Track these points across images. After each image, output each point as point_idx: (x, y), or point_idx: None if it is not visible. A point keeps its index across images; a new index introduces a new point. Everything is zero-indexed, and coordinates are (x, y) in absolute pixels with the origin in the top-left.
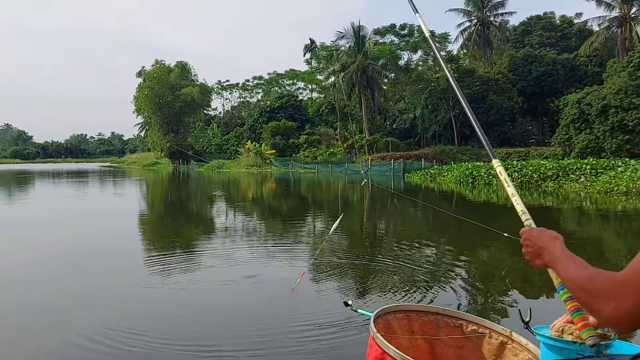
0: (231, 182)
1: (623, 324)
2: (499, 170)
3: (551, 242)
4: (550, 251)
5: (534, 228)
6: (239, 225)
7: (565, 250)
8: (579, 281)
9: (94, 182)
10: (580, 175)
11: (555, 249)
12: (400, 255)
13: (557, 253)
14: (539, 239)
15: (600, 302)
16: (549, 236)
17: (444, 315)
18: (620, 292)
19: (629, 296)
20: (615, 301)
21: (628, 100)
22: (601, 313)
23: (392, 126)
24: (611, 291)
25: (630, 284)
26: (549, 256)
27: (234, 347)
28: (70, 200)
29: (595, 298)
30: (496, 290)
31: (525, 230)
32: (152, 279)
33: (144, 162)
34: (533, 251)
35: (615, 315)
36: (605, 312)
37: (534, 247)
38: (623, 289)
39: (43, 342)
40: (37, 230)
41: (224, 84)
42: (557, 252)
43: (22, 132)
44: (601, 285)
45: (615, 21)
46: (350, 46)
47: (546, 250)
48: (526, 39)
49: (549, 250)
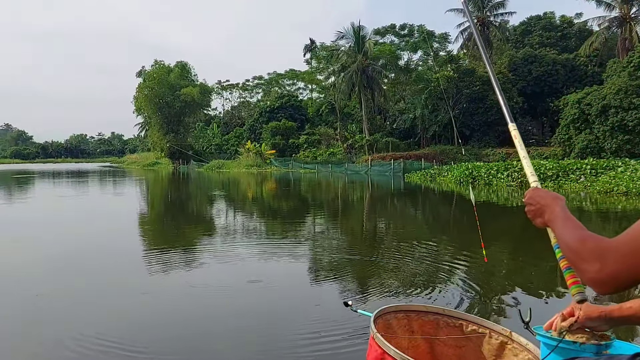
0: (231, 182)
1: (605, 286)
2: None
3: (553, 202)
4: (551, 210)
5: (539, 188)
6: (240, 225)
7: (566, 210)
8: (570, 240)
9: (93, 182)
10: (580, 176)
11: (556, 208)
12: (400, 255)
13: (557, 212)
14: (543, 198)
15: (586, 263)
16: (552, 196)
17: (444, 315)
18: (608, 256)
19: (616, 261)
20: (600, 263)
21: (628, 100)
22: (585, 273)
23: (392, 126)
24: (599, 254)
25: (620, 250)
26: (549, 215)
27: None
28: (70, 200)
29: (582, 259)
30: (496, 290)
31: (530, 190)
32: (152, 281)
33: (144, 162)
34: (535, 209)
35: (598, 277)
36: (589, 273)
37: (536, 205)
38: (611, 253)
39: (35, 345)
40: (37, 230)
41: (224, 84)
42: (557, 212)
43: (22, 132)
44: (590, 247)
45: (615, 21)
46: (350, 46)
47: (548, 208)
48: (526, 39)
49: (550, 209)
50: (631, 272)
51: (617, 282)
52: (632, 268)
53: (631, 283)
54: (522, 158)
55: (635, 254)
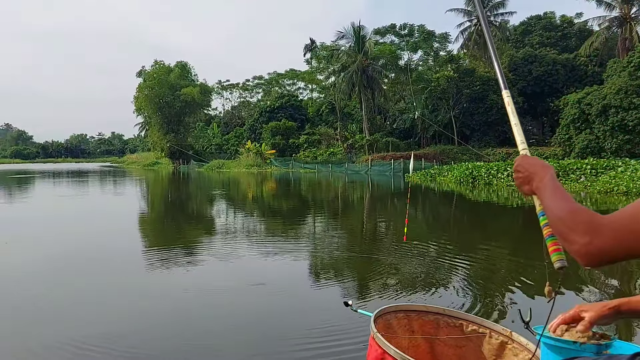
0: (231, 182)
1: (592, 259)
2: (507, 100)
3: (542, 170)
4: (540, 178)
5: (528, 155)
6: (240, 225)
7: (555, 180)
8: (559, 210)
9: (94, 182)
10: (580, 175)
11: (545, 177)
12: (400, 255)
13: (546, 181)
14: (532, 165)
15: (574, 235)
16: (541, 164)
17: (444, 315)
18: (600, 230)
19: (608, 236)
20: (590, 236)
21: (628, 100)
22: (573, 244)
23: (392, 126)
24: (590, 227)
25: (611, 227)
26: (537, 182)
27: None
28: (70, 200)
29: (571, 230)
30: (496, 290)
31: (519, 157)
32: (152, 281)
33: (144, 162)
34: (524, 177)
35: (586, 250)
36: (577, 245)
37: (525, 172)
38: (602, 229)
39: (35, 345)
40: (37, 230)
41: (224, 83)
42: (545, 180)
43: (22, 132)
44: (581, 219)
45: (616, 21)
46: (351, 46)
47: (536, 176)
48: (526, 39)
49: (539, 177)
50: (620, 249)
51: (604, 257)
52: (622, 244)
53: (616, 259)
54: (513, 125)
55: (628, 232)
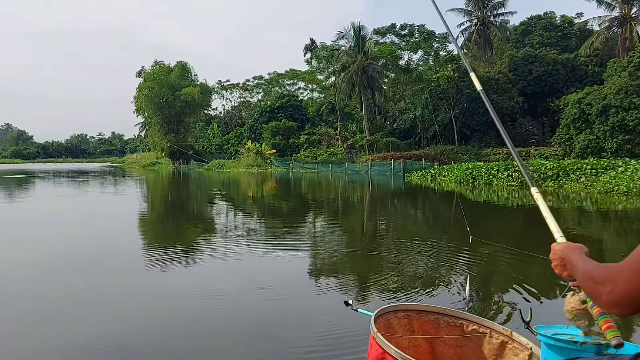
0: (231, 182)
1: (619, 306)
2: (536, 196)
3: (571, 252)
4: (570, 259)
5: (560, 243)
6: (240, 225)
7: (583, 255)
8: (587, 273)
9: (94, 182)
10: (580, 175)
11: (573, 257)
12: (401, 254)
13: (576, 259)
14: (562, 251)
15: (599, 287)
16: (571, 247)
17: (444, 314)
18: (617, 277)
19: (626, 280)
20: (611, 285)
21: (628, 100)
22: (600, 297)
23: (392, 126)
24: (609, 276)
25: (629, 270)
26: (570, 266)
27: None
28: (70, 200)
29: (596, 283)
30: (496, 290)
31: (553, 245)
32: (151, 282)
33: (144, 162)
34: (559, 264)
35: (611, 298)
36: (604, 296)
37: (558, 260)
38: (620, 274)
39: (35, 345)
40: (37, 231)
41: (224, 83)
42: (575, 259)
43: (22, 132)
44: (601, 272)
45: (616, 21)
46: (351, 46)
47: (567, 260)
48: (526, 39)
49: (569, 260)
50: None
51: (630, 301)
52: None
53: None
54: (546, 218)
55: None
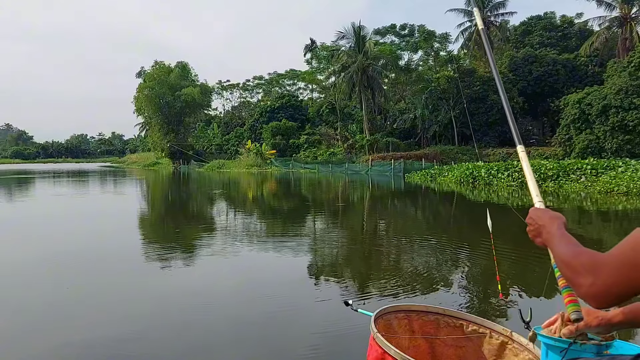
0: (232, 182)
1: (598, 299)
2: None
3: (550, 221)
4: (548, 230)
5: (539, 208)
6: (240, 225)
7: (562, 229)
8: (564, 256)
9: (94, 182)
10: (580, 176)
11: (552, 228)
12: (400, 255)
13: (553, 231)
14: (541, 218)
15: (579, 277)
16: (550, 216)
17: (444, 315)
18: (600, 270)
19: (608, 274)
20: (593, 277)
21: (628, 100)
22: (580, 287)
23: (392, 126)
24: (591, 268)
25: (612, 264)
26: (546, 234)
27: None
28: (70, 200)
29: (576, 273)
30: (496, 290)
31: (531, 209)
32: (150, 284)
33: (145, 162)
34: (534, 229)
35: (592, 291)
36: (584, 287)
37: (535, 225)
38: (603, 268)
39: (34, 346)
40: (35, 231)
41: (224, 84)
42: (552, 231)
43: (22, 132)
44: (583, 262)
45: (616, 21)
46: (351, 46)
47: (544, 228)
48: (526, 39)
49: (546, 229)
50: (623, 286)
51: (610, 296)
52: (624, 281)
53: (624, 297)
54: (528, 180)
55: (625, 267)
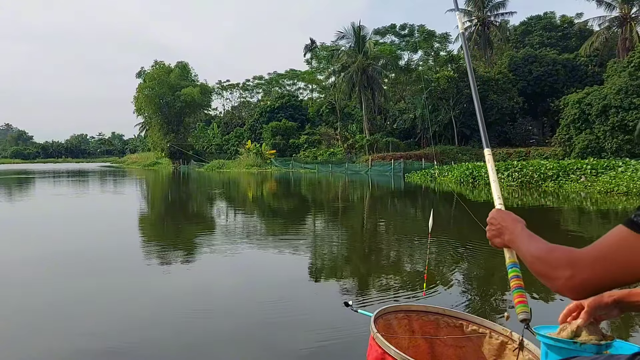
0: (231, 182)
1: (577, 290)
2: (488, 158)
3: (513, 224)
4: (511, 231)
5: (501, 210)
6: (239, 225)
7: (526, 230)
8: (538, 253)
9: (94, 182)
10: (580, 175)
11: (516, 230)
12: (401, 254)
13: (518, 232)
14: (504, 219)
15: (556, 271)
16: (513, 218)
17: (444, 315)
18: (578, 264)
19: (587, 268)
20: (572, 270)
21: (628, 100)
22: (557, 280)
23: (392, 126)
24: (569, 262)
25: (591, 259)
26: (509, 235)
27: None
28: (70, 200)
29: (552, 267)
30: (496, 290)
31: (493, 211)
32: (149, 284)
33: (144, 162)
34: (495, 229)
35: (571, 283)
36: (561, 280)
37: (497, 226)
38: (582, 261)
39: (33, 347)
40: (35, 231)
41: (224, 84)
42: (517, 232)
43: (22, 132)
44: (559, 256)
45: (616, 21)
46: (351, 46)
47: (507, 230)
48: (526, 39)
49: (509, 230)
50: (601, 279)
51: (588, 288)
52: (603, 275)
53: (601, 289)
54: (491, 182)
55: (606, 262)
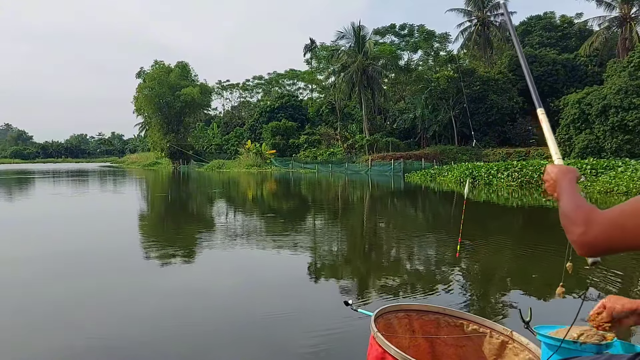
0: (231, 182)
1: (585, 247)
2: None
3: (562, 176)
4: (560, 184)
5: (556, 164)
6: (239, 225)
7: (571, 182)
8: (566, 207)
9: (94, 182)
10: (580, 175)
11: (563, 182)
12: (400, 255)
13: (564, 186)
14: (556, 174)
15: (574, 226)
16: (562, 171)
17: (444, 314)
18: (593, 223)
19: (599, 229)
20: (585, 227)
21: (628, 100)
22: (571, 234)
23: (392, 126)
24: (586, 219)
25: (605, 221)
26: (559, 188)
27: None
28: (70, 200)
29: (571, 222)
30: (496, 290)
31: (548, 166)
32: (149, 284)
33: (144, 162)
34: (550, 184)
35: (580, 240)
36: (574, 235)
37: (550, 180)
38: (596, 222)
39: (33, 347)
40: (35, 230)
41: (224, 83)
42: (563, 185)
43: (22, 132)
44: (579, 214)
45: (616, 21)
46: (351, 46)
47: (557, 183)
48: (526, 39)
49: (559, 183)
50: (609, 242)
51: (598, 247)
52: (611, 238)
53: (611, 249)
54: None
55: (617, 227)
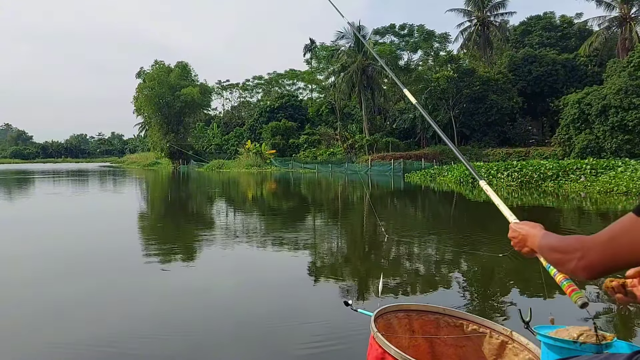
0: (231, 182)
1: (588, 270)
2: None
3: (531, 229)
4: (532, 235)
5: (517, 223)
6: (239, 225)
7: (543, 231)
8: (551, 245)
9: (94, 182)
10: (580, 175)
11: (535, 232)
12: (400, 255)
13: (536, 234)
14: (522, 228)
15: (568, 255)
16: (529, 225)
17: (444, 314)
18: (589, 245)
19: (596, 250)
20: (581, 251)
21: (628, 100)
22: (569, 263)
23: (392, 126)
24: (580, 245)
25: (600, 242)
26: (531, 240)
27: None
28: (70, 200)
29: (564, 253)
30: (496, 290)
31: (510, 225)
32: (149, 284)
33: (144, 162)
34: (518, 240)
35: (582, 264)
36: (573, 262)
37: (518, 236)
38: (592, 244)
39: (32, 347)
40: (34, 230)
41: (224, 84)
42: (536, 234)
43: (22, 132)
44: (570, 242)
45: (615, 21)
46: (350, 46)
47: (528, 236)
48: (526, 39)
49: (530, 236)
50: (610, 260)
51: (598, 268)
52: (611, 255)
53: (610, 270)
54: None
55: (614, 244)
